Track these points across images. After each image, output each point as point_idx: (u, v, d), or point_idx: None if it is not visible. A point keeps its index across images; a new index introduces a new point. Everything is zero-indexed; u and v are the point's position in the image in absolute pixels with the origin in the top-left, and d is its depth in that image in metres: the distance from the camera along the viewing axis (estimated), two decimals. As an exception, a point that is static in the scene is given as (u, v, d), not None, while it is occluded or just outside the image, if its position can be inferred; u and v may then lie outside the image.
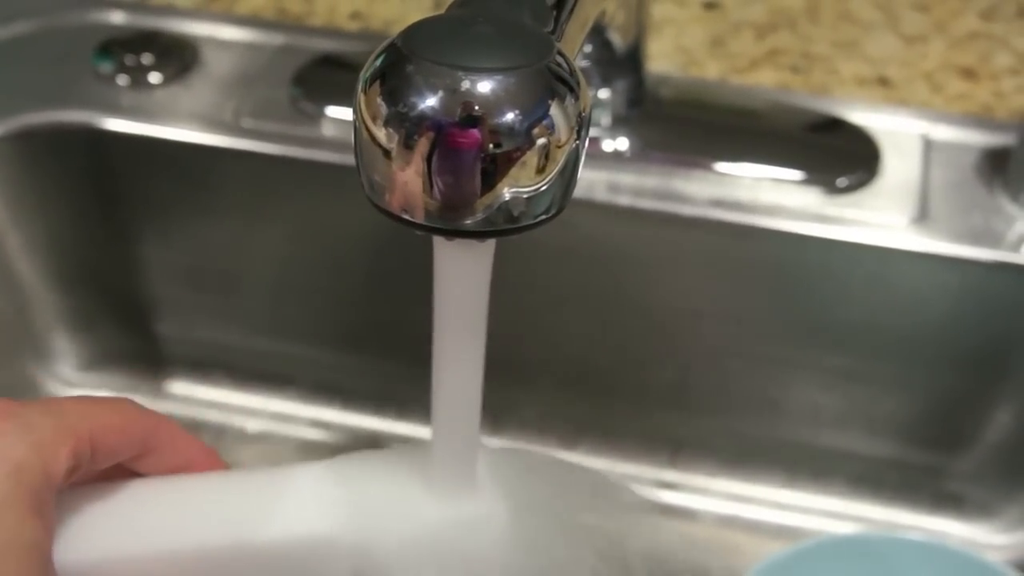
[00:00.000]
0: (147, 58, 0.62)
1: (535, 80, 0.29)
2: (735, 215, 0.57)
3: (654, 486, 0.67)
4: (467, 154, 0.29)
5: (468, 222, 0.30)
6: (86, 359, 0.70)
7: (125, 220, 0.63)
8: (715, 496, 0.67)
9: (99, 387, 0.70)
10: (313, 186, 0.60)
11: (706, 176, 0.58)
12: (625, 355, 0.64)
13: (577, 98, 0.30)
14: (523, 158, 0.29)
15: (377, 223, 0.61)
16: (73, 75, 0.62)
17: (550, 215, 0.32)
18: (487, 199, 0.30)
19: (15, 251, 0.64)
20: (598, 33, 0.55)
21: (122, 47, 0.63)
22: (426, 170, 0.29)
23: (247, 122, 0.59)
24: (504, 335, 0.65)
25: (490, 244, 0.33)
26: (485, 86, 0.29)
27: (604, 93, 0.58)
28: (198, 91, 0.61)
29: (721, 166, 0.58)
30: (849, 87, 0.64)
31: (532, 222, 0.31)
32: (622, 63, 0.57)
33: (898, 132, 0.60)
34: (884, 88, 0.64)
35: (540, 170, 0.30)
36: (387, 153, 0.30)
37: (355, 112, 0.30)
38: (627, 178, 0.57)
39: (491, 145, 0.29)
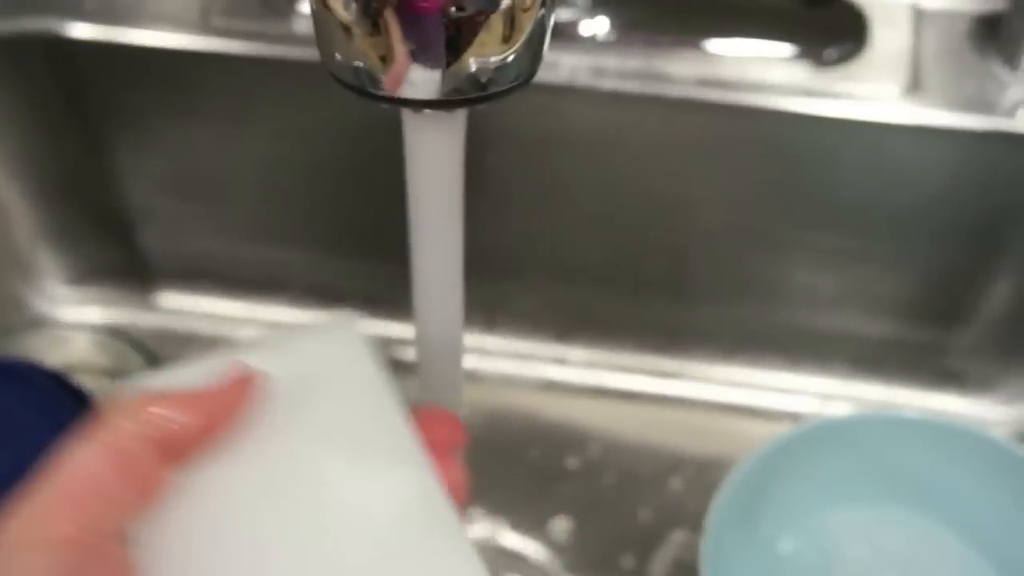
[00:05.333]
0: (111, -41, 0.60)
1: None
2: (722, 94, 0.55)
3: (652, 376, 0.66)
4: (431, 19, 0.28)
5: (435, 92, 0.29)
6: (72, 274, 0.69)
7: (99, 130, 0.61)
8: (715, 383, 0.66)
9: (87, 302, 0.69)
10: (290, 85, 0.59)
11: (691, 55, 0.56)
12: (618, 244, 0.63)
13: (542, -42, 0.29)
14: (488, 22, 0.28)
15: (358, 119, 0.61)
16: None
17: (519, 83, 0.30)
18: (454, 68, 0.29)
19: (-8, 167, 0.63)
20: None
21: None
22: (389, 39, 0.28)
23: (217, 20, 0.58)
24: (493, 229, 0.64)
25: (460, 117, 0.32)
26: (446, -53, 0.27)
27: (580, -29, 0.56)
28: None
29: (705, 44, 0.56)
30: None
31: (500, 89, 0.30)
32: (599, -63, 0.56)
33: (887, 2, 0.58)
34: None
35: (506, 37, 0.29)
36: (346, 25, 0.29)
37: (311, -15, 0.29)
38: (609, 61, 0.56)
39: (454, 9, 0.28)
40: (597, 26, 0.56)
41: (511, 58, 0.29)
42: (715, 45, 0.56)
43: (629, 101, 0.56)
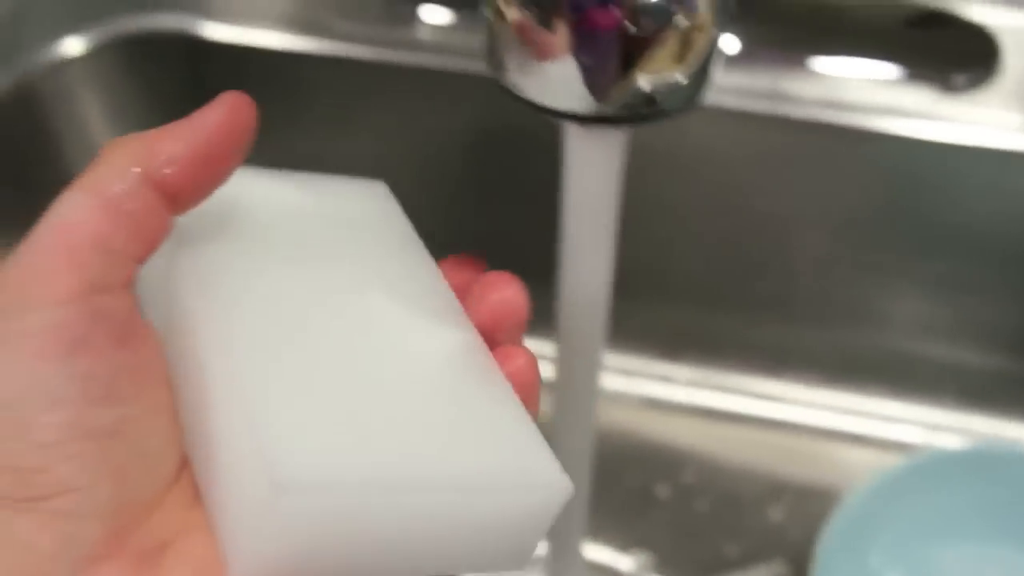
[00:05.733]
0: (238, -38, 0.61)
1: (679, -43, 0.28)
2: (847, 116, 0.55)
3: (757, 398, 0.66)
4: (605, 35, 0.28)
5: (606, 108, 0.29)
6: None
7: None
8: (819, 408, 0.65)
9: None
10: (409, 90, 0.59)
11: (817, 76, 0.55)
12: (728, 264, 0.62)
13: (721, -23, 0.28)
14: (664, 41, 0.28)
15: (473, 128, 0.61)
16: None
17: (689, 104, 0.30)
18: (625, 84, 0.29)
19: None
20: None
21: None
22: (563, 53, 0.28)
23: (341, 25, 0.58)
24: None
25: (623, 134, 0.31)
26: (625, -36, 0.27)
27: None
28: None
29: (831, 65, 0.56)
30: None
31: (668, 110, 0.30)
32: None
33: (1021, 29, 0.57)
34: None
35: (680, 56, 0.29)
36: (521, 37, 0.28)
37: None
38: (734, 79, 0.55)
39: (631, 26, 0.28)
40: (725, 43, 0.56)
41: (682, 78, 0.29)
42: (841, 66, 0.55)
43: (752, 120, 0.55)
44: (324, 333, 0.28)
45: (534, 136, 0.59)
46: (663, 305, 0.65)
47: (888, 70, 0.56)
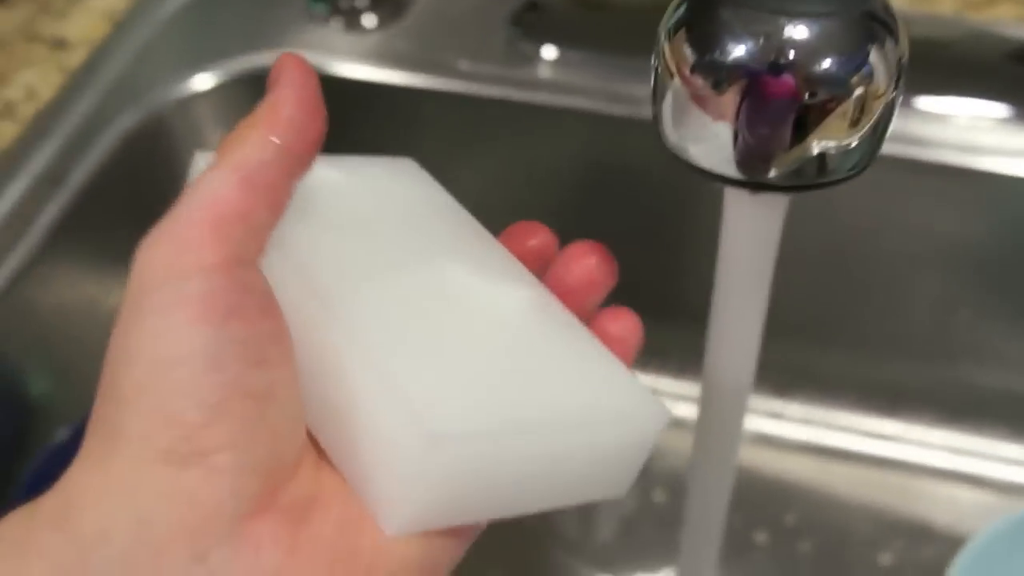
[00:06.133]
0: (361, 1, 0.61)
1: (856, 24, 0.28)
2: (970, 158, 0.54)
3: (872, 437, 0.65)
4: (781, 104, 0.28)
5: (773, 175, 0.29)
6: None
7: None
8: (936, 449, 0.64)
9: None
10: (528, 129, 0.59)
11: (939, 118, 0.55)
12: (844, 301, 0.62)
13: (896, 43, 0.28)
14: (839, 109, 0.28)
15: (589, 166, 0.61)
16: (288, 18, 0.62)
17: (858, 170, 0.30)
18: (796, 152, 0.29)
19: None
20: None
21: (336, -10, 0.62)
22: (735, 120, 0.28)
23: (463, 64, 0.59)
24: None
25: (787, 199, 0.31)
26: (802, 31, 0.27)
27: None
28: (413, 33, 0.61)
29: (954, 106, 0.55)
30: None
31: (840, 178, 0.30)
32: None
33: None
34: None
35: (855, 123, 0.28)
36: (694, 102, 0.29)
37: (658, 59, 0.29)
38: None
39: (807, 95, 0.27)
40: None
41: (854, 144, 0.29)
42: (960, 107, 0.55)
43: (877, 162, 0.55)
44: (422, 298, 0.29)
45: (649, 174, 0.59)
46: (775, 343, 0.65)
47: (1006, 110, 0.55)
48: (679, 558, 0.47)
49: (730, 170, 0.29)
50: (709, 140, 0.29)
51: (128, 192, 0.59)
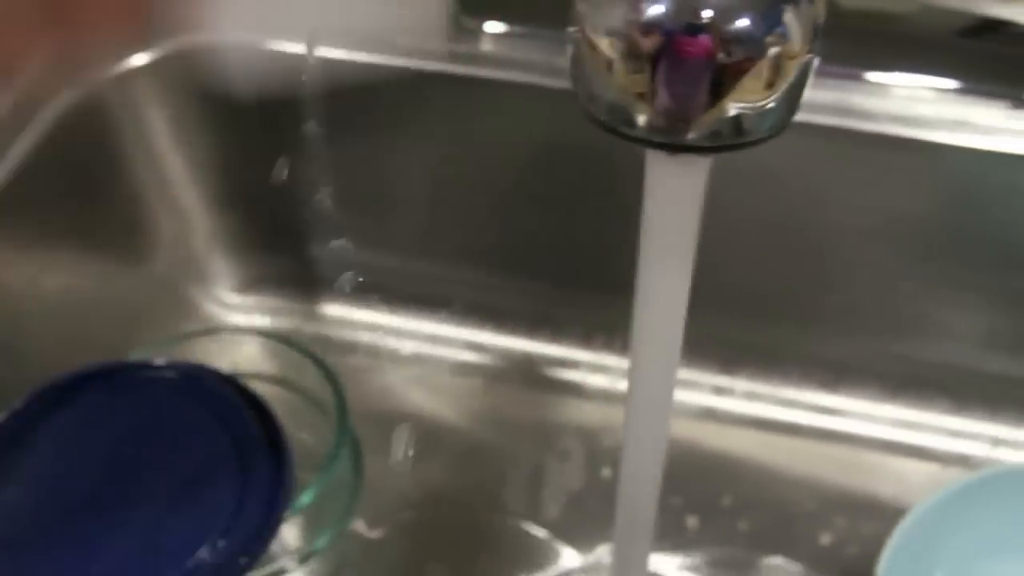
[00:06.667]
0: (302, -25, 0.61)
1: (770, -16, 0.28)
2: (912, 130, 0.54)
3: (815, 411, 0.65)
4: (697, 63, 0.27)
5: (692, 136, 0.29)
6: (243, 281, 0.70)
7: (283, 139, 0.63)
8: (880, 422, 0.65)
9: (256, 310, 0.70)
10: (472, 103, 0.59)
11: (884, 90, 0.55)
12: (789, 276, 0.62)
13: (812, 3, 0.28)
14: (754, 69, 0.28)
15: (532, 141, 0.61)
16: (227, -6, 0.62)
17: (775, 132, 0.30)
18: (713, 112, 0.28)
19: (177, 174, 0.64)
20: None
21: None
22: (651, 81, 0.28)
23: (405, 39, 0.58)
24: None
25: (707, 161, 0.31)
26: (716, -10, 0.27)
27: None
28: (354, 7, 0.60)
29: (899, 79, 0.55)
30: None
31: (756, 138, 0.30)
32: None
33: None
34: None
35: (770, 83, 0.28)
36: (608, 64, 0.28)
37: (574, 20, 0.29)
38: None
39: (722, 54, 0.27)
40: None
41: (771, 106, 0.29)
42: (910, 80, 0.55)
43: (819, 134, 0.55)
44: None
45: (595, 148, 0.59)
46: (720, 318, 0.65)
47: (953, 83, 0.55)
48: (613, 536, 0.47)
49: (647, 132, 0.29)
50: (625, 103, 0.29)
51: (66, 170, 0.59)
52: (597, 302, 0.66)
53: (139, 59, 0.60)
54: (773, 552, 0.60)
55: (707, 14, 0.27)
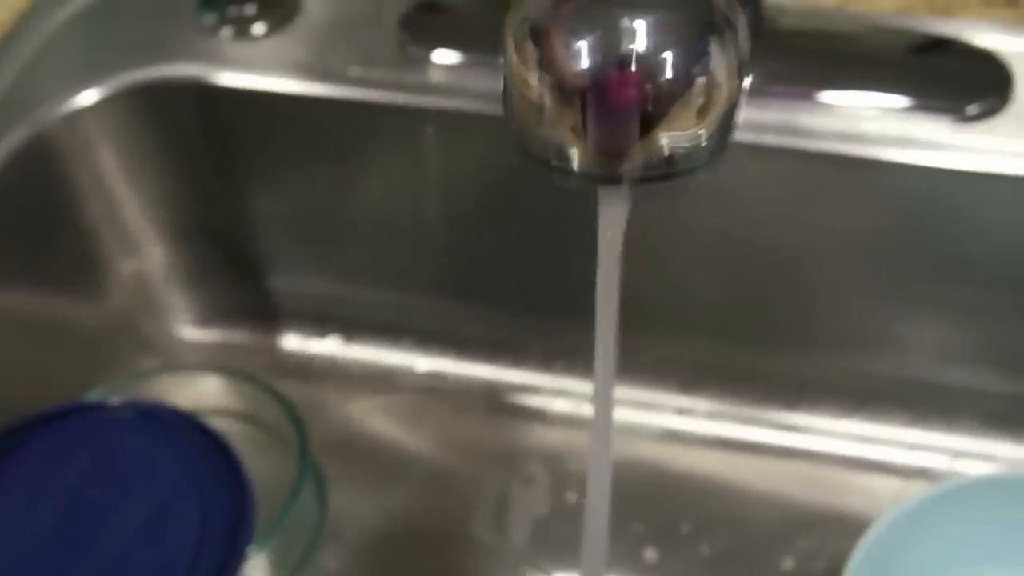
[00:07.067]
0: (250, 8, 0.61)
1: (695, 16, 0.28)
2: (860, 148, 0.55)
3: (777, 429, 0.65)
4: (625, 99, 0.28)
5: (623, 170, 0.29)
6: (201, 315, 0.70)
7: (235, 172, 0.62)
8: (841, 437, 0.65)
9: (214, 343, 0.70)
10: (422, 133, 0.59)
11: (830, 109, 0.55)
12: (745, 295, 0.62)
13: (737, 34, 0.29)
14: (683, 102, 0.28)
15: (485, 169, 0.61)
16: (177, 28, 0.62)
17: (707, 162, 0.30)
18: (644, 146, 0.29)
19: (130, 208, 0.64)
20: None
21: (224, -1, 0.62)
22: (581, 117, 0.28)
23: (354, 70, 0.58)
24: (621, 277, 0.64)
25: (626, 191, 0.32)
26: (641, 25, 0.27)
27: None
28: (303, 40, 0.60)
29: (845, 97, 0.56)
30: (974, 9, 0.61)
31: (688, 169, 0.30)
32: (738, -6, 0.55)
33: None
34: (1013, 8, 0.61)
35: (700, 114, 0.29)
36: (539, 100, 0.29)
37: (504, 57, 0.29)
38: (747, 113, 0.55)
39: (650, 88, 0.28)
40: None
41: (703, 133, 0.29)
42: (855, 99, 0.55)
43: (766, 153, 0.55)
44: None
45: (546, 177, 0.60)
46: (679, 338, 0.65)
47: (898, 100, 0.56)
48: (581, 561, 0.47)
49: (581, 168, 0.29)
50: (556, 138, 0.29)
51: (16, 211, 0.59)
52: (556, 327, 0.66)
53: (88, 96, 0.59)
54: (739, 570, 0.60)
55: (635, 50, 0.27)
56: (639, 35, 0.27)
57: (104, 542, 0.51)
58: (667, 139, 0.29)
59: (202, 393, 0.63)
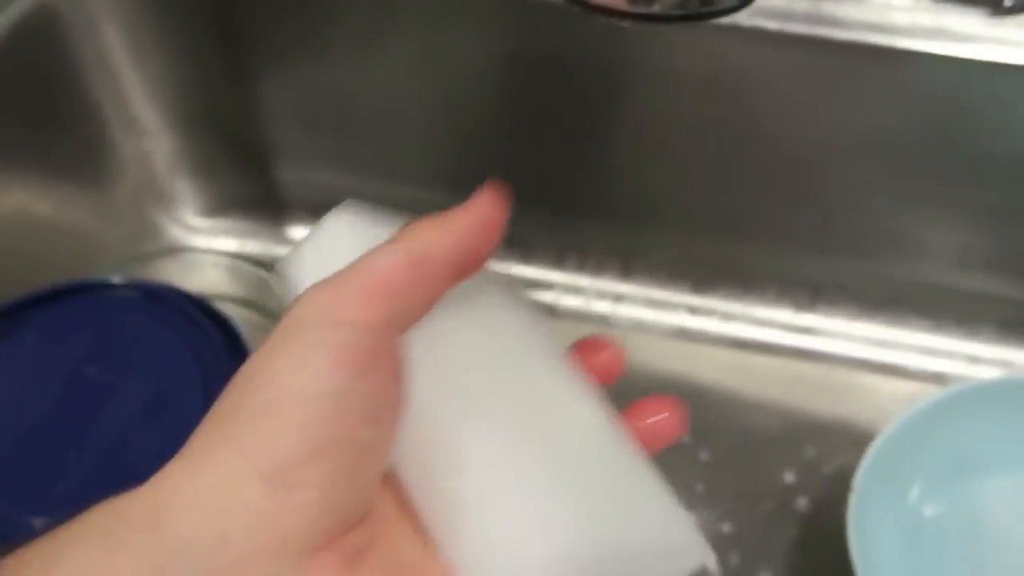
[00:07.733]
0: None
1: None
2: (892, 39, 0.53)
3: (791, 331, 0.65)
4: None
5: (658, 7, 0.28)
6: (208, 204, 0.69)
7: (244, 58, 0.61)
8: (856, 341, 0.64)
9: (221, 232, 0.69)
10: (438, 15, 0.57)
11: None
12: (765, 194, 0.61)
13: None
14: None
15: (501, 54, 0.59)
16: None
17: (742, 3, 0.29)
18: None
19: (136, 93, 0.63)
20: None
21: None
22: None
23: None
24: (637, 172, 0.63)
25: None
26: None
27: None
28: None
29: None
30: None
31: (724, 9, 0.29)
32: None
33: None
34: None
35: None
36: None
37: None
38: (775, 1, 0.54)
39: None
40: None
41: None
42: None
43: (793, 43, 0.54)
44: (526, 419, 0.31)
45: (566, 64, 0.58)
46: (695, 237, 0.64)
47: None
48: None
49: (620, 3, 0.28)
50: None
51: (19, 88, 0.57)
52: (568, 224, 0.65)
53: (94, -29, 0.58)
54: (750, 469, 0.59)
55: None
56: None
57: (103, 422, 0.51)
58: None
59: (207, 279, 0.62)
